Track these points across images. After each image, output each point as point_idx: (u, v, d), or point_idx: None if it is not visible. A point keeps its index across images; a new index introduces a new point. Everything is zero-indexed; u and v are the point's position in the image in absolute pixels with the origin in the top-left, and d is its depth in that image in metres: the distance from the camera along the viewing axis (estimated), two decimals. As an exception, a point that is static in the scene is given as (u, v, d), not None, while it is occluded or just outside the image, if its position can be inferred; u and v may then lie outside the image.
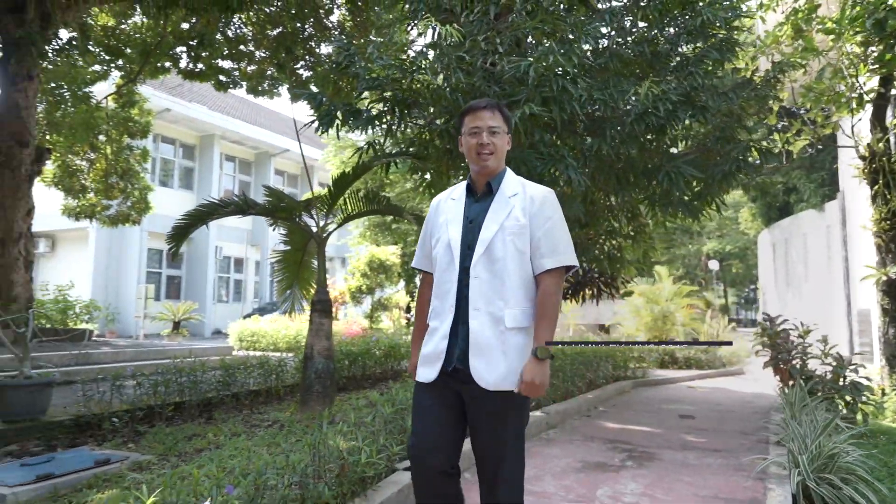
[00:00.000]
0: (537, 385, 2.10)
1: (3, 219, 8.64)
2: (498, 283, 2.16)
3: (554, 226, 2.23)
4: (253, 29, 14.12)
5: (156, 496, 2.45)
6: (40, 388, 5.15)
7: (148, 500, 2.37)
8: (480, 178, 2.32)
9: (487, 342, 2.13)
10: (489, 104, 2.32)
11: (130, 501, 2.52)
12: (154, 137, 22.27)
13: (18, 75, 8.64)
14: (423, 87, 5.29)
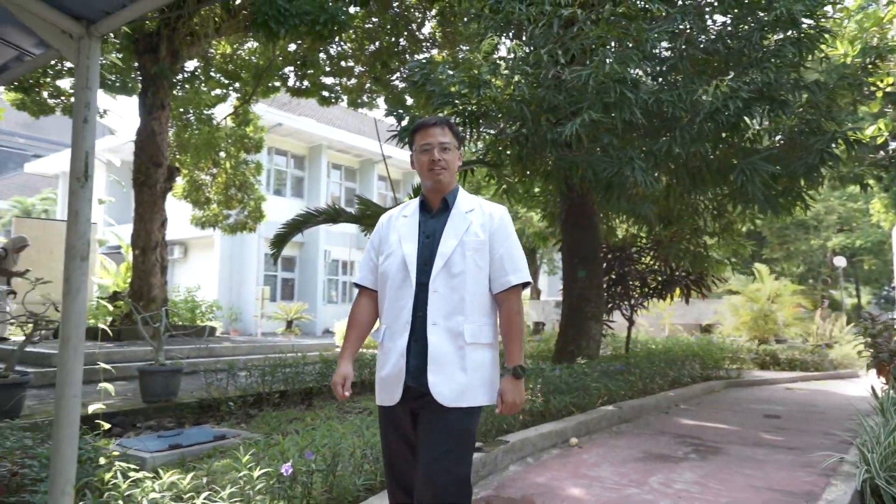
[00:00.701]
0: (517, 404, 2.15)
1: (142, 230, 9.99)
2: (457, 297, 2.14)
3: (513, 244, 2.24)
4: (352, 46, 15.04)
5: (251, 457, 3.03)
6: (172, 374, 6.07)
7: (244, 458, 2.95)
8: (435, 194, 2.30)
9: (446, 357, 2.10)
10: (439, 121, 2.32)
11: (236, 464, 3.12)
12: (268, 150, 24.13)
13: (154, 106, 9.96)
14: (491, 101, 5.67)
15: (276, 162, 25.12)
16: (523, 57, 5.51)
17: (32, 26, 2.87)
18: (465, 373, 2.11)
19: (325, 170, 25.96)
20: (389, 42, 14.76)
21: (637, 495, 3.71)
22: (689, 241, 8.34)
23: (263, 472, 2.90)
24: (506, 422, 4.66)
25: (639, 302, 9.64)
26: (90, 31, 2.93)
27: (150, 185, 9.88)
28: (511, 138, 6.04)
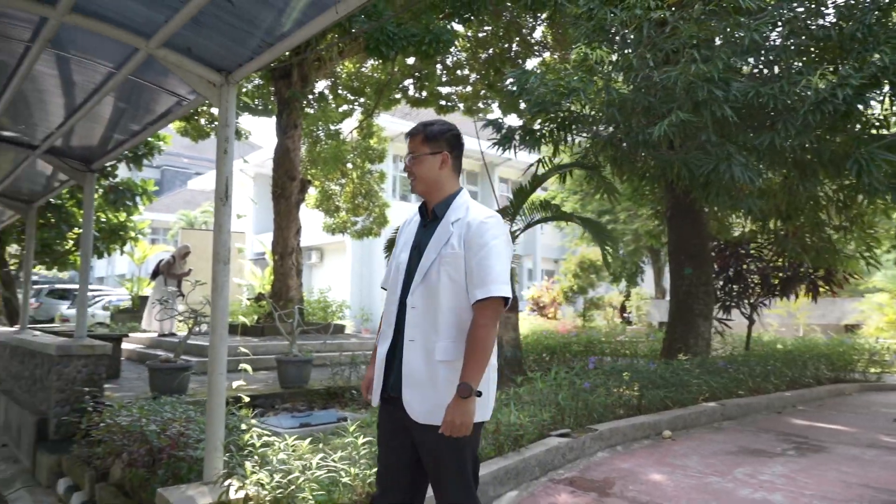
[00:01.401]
0: (458, 425, 1.96)
1: (280, 238, 11.20)
2: (432, 313, 2.08)
3: (488, 254, 2.04)
4: (466, 55, 15.60)
5: (358, 430, 3.59)
6: (303, 364, 6.91)
7: (352, 428, 3.52)
8: (427, 203, 2.24)
9: (419, 375, 2.07)
10: (411, 131, 2.28)
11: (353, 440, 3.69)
12: (393, 158, 25.47)
13: (288, 126, 11.15)
14: (581, 107, 5.90)
15: (401, 169, 26.44)
16: (613, 62, 5.67)
17: (186, 79, 3.63)
18: (436, 391, 2.04)
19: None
20: (502, 48, 15.15)
21: (717, 483, 3.83)
22: (810, 235, 7.93)
23: (366, 441, 3.44)
24: (597, 412, 4.89)
25: (759, 300, 9.27)
26: (228, 79, 3.64)
27: (286, 196, 11.06)
28: (605, 141, 6.22)
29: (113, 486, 4.10)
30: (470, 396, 1.97)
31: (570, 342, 9.66)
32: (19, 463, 5.58)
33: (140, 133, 5.23)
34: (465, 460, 2.12)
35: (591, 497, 3.62)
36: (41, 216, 12.41)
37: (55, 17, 3.19)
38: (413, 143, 2.24)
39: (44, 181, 7.50)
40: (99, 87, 4.29)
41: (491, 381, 2.17)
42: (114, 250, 15.38)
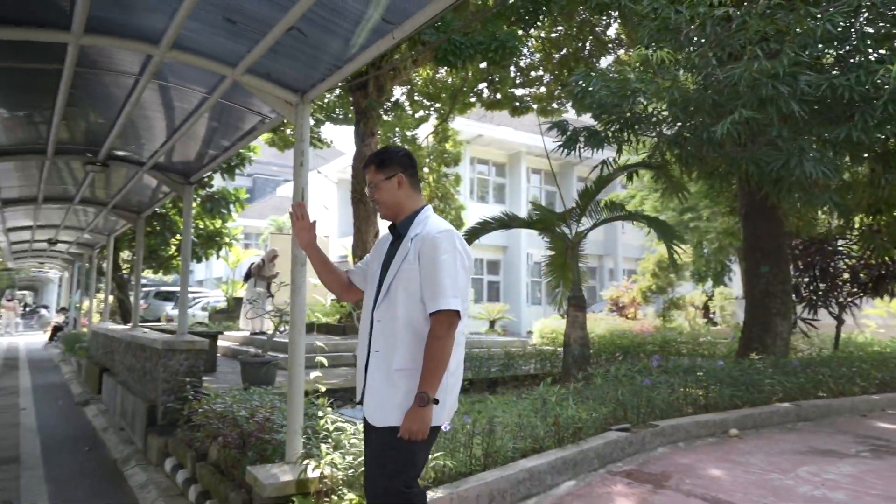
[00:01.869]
0: (415, 431, 2.10)
1: (360, 241, 11.76)
2: (391, 326, 2.21)
3: (439, 269, 2.14)
4: (540, 55, 15.65)
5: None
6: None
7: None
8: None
9: (379, 383, 2.22)
10: (365, 163, 2.43)
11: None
12: (470, 160, 25.82)
13: (365, 134, 11.69)
14: (643, 108, 5.93)
15: (478, 171, 26.69)
16: (675, 61, 5.66)
17: (266, 100, 4.06)
18: (393, 397, 2.18)
19: (524, 175, 26.90)
20: (575, 48, 15.11)
21: (777, 480, 3.82)
22: (902, 230, 7.52)
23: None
24: (659, 408, 4.95)
25: (849, 299, 8.84)
26: (303, 99, 4.04)
27: (364, 202, 11.60)
28: (670, 140, 6.21)
29: (210, 464, 4.59)
30: (428, 405, 2.10)
31: (645, 342, 9.58)
32: (134, 444, 6.27)
33: (230, 148, 5.79)
34: (403, 458, 2.21)
35: (647, 489, 3.73)
36: (148, 225, 13.63)
37: (158, 55, 3.69)
38: (369, 174, 2.36)
39: (150, 193, 8.33)
40: (194, 110, 4.83)
41: (449, 388, 2.25)
42: (211, 255, 16.60)
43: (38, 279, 47.47)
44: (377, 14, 3.02)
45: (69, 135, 5.69)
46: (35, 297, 56.27)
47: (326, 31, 3.32)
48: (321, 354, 4.71)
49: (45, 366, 14.17)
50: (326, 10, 3.08)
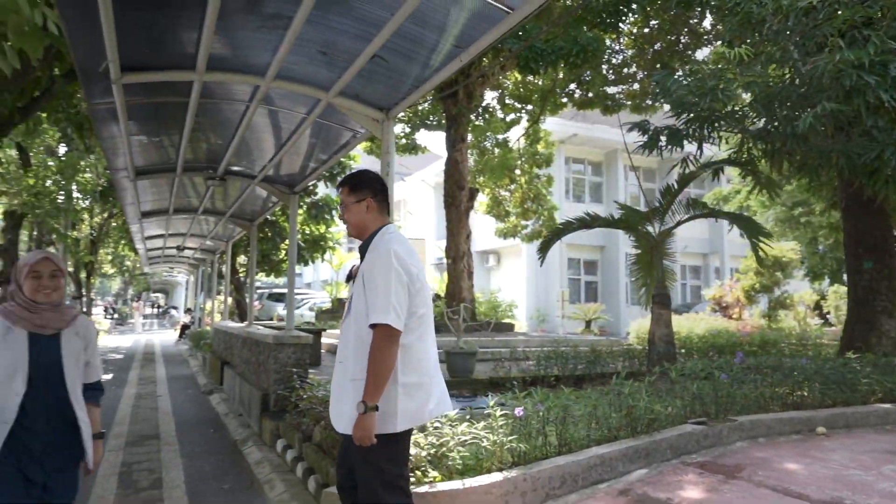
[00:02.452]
0: (359, 438, 2.24)
1: (452, 243, 12.23)
2: (347, 339, 2.42)
3: (375, 286, 2.29)
4: (632, 51, 15.43)
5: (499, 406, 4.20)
6: (469, 356, 7.69)
7: (491, 403, 4.14)
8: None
9: (337, 392, 2.45)
10: (339, 184, 2.62)
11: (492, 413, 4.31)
12: (565, 160, 25.69)
13: (456, 140, 12.16)
14: (723, 105, 5.89)
15: (573, 170, 26.46)
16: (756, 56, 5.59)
17: (355, 118, 4.55)
18: (345, 405, 2.36)
19: (622, 173, 26.35)
20: (669, 42, 14.77)
21: (856, 476, 3.79)
22: None
23: (503, 414, 4.04)
24: (738, 404, 4.95)
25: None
26: (388, 115, 4.49)
27: (456, 205, 12.07)
28: (755, 136, 6.11)
29: (314, 445, 5.15)
30: (367, 412, 2.22)
31: (743, 341, 9.32)
32: (250, 428, 7.04)
33: (328, 160, 6.38)
34: (378, 470, 2.34)
35: (717, 479, 3.84)
36: (260, 231, 14.84)
37: (264, 85, 4.27)
38: (342, 195, 2.55)
39: (261, 203, 9.21)
40: (296, 129, 5.43)
41: (394, 397, 2.32)
42: (316, 258, 17.75)
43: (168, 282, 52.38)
44: (449, 42, 3.39)
45: (193, 155, 6.52)
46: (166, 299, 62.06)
47: (405, 58, 3.73)
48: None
49: (176, 360, 15.79)
50: (405, 40, 3.49)
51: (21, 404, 2.37)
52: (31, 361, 2.41)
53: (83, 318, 2.67)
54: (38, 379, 2.41)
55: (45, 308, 2.48)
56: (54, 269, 2.52)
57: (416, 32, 3.40)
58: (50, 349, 2.48)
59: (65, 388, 2.48)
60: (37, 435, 2.41)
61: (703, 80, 5.64)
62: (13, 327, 2.42)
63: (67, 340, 2.53)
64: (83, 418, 2.55)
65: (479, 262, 28.49)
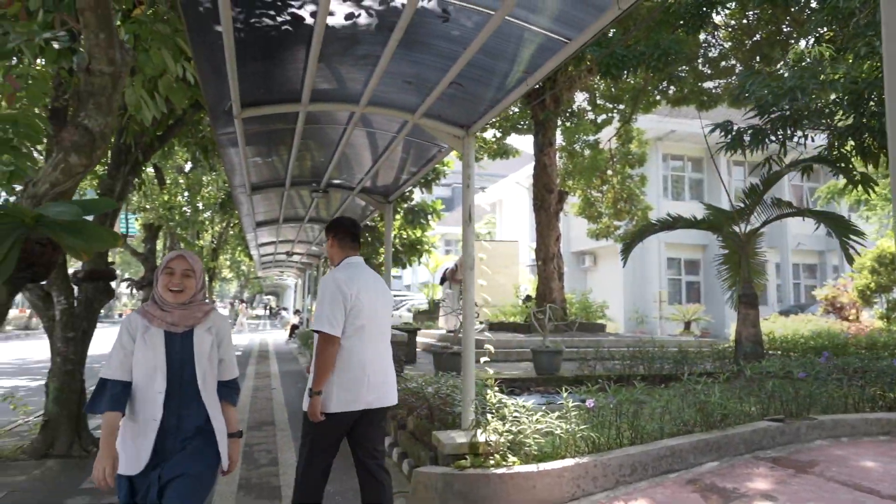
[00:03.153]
0: (310, 414, 3.06)
1: (542, 245, 12.49)
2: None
3: (319, 300, 3.18)
4: (730, 43, 14.95)
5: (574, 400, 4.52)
6: (554, 354, 7.98)
7: (565, 394, 4.47)
8: None
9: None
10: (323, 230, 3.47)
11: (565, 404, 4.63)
12: (663, 157, 25.04)
13: (543, 144, 12.42)
14: (804, 106, 5.82)
15: (672, 167, 25.71)
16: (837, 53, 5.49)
17: (438, 136, 5.03)
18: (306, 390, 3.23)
19: (725, 169, 25.31)
20: (769, 31, 14.21)
21: (935, 475, 3.77)
22: None
23: (576, 404, 4.36)
24: (820, 403, 4.95)
25: None
26: (467, 132, 4.93)
27: (545, 207, 12.32)
28: (842, 133, 5.98)
29: (408, 432, 5.68)
30: (312, 396, 3.06)
31: (848, 343, 8.94)
32: (352, 418, 7.72)
33: (418, 172, 6.92)
34: (306, 443, 3.20)
35: (788, 472, 3.95)
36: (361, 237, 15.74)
37: (358, 110, 4.84)
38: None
39: (360, 211, 9.95)
40: (388, 146, 6.00)
41: (336, 385, 3.10)
42: (413, 261, 18.51)
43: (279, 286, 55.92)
44: (516, 69, 3.78)
45: (299, 171, 7.28)
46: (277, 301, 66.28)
47: (479, 83, 4.16)
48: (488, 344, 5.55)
49: (287, 357, 17.08)
50: (477, 69, 3.92)
51: (163, 401, 2.44)
52: (168, 359, 2.46)
53: (216, 315, 2.67)
54: (173, 377, 2.47)
55: (175, 306, 2.53)
56: (186, 268, 2.56)
57: (487, 62, 3.81)
58: (183, 347, 2.51)
59: (197, 387, 2.50)
60: (171, 434, 2.44)
61: (783, 81, 5.61)
62: (150, 326, 2.49)
63: (199, 338, 2.55)
64: (216, 416, 2.55)
65: (575, 264, 28.36)
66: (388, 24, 3.47)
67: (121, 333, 2.48)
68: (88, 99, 2.58)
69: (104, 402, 2.40)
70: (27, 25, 2.92)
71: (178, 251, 2.64)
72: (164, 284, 2.52)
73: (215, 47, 3.36)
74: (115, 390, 2.40)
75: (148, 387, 2.43)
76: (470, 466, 4.20)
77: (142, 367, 2.43)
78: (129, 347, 2.45)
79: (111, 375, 2.43)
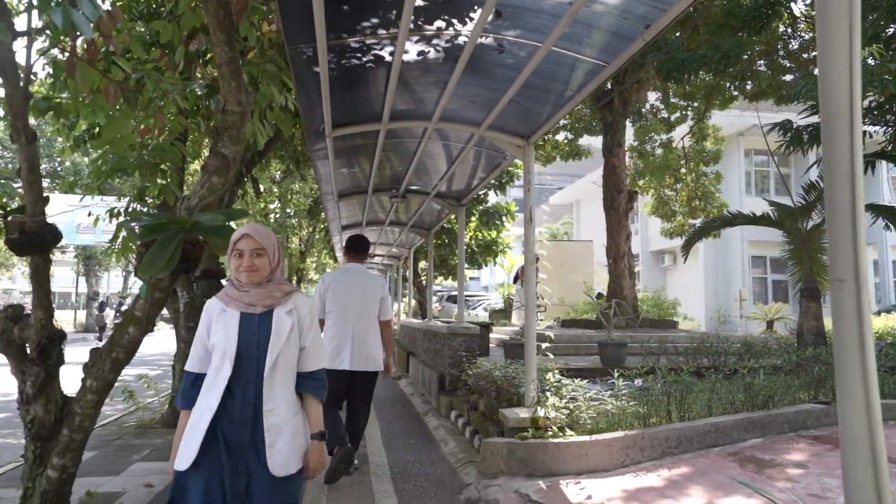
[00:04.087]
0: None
1: (613, 244, 12.79)
2: None
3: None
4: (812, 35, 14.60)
5: (621, 379, 5.01)
6: (619, 347, 8.38)
7: (616, 375, 4.97)
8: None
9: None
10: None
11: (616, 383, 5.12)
12: (745, 153, 24.46)
13: (612, 145, 12.72)
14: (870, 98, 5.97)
15: (756, 162, 25.04)
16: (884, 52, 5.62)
17: (501, 146, 5.65)
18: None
19: (812, 159, 24.39)
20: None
21: (969, 451, 3.98)
22: None
23: (626, 383, 4.86)
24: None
25: None
26: (527, 141, 5.52)
27: (615, 207, 12.61)
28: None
29: (479, 413, 6.32)
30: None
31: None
32: (430, 403, 8.44)
33: (486, 178, 7.56)
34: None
35: (825, 448, 4.29)
36: (438, 238, 16.54)
37: (431, 126, 5.54)
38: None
39: (435, 214, 10.71)
40: (458, 154, 6.67)
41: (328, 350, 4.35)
42: (489, 262, 19.15)
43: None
44: (565, 87, 4.35)
45: (380, 179, 8.09)
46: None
47: (535, 100, 4.75)
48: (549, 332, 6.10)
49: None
50: (532, 89, 4.52)
51: (227, 388, 2.20)
52: (240, 343, 2.23)
53: (299, 296, 2.42)
54: (247, 363, 2.23)
55: (252, 286, 2.32)
56: (256, 247, 2.31)
57: (540, 83, 4.40)
58: (260, 329, 2.27)
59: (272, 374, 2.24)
60: (237, 427, 2.19)
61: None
62: (227, 308, 2.31)
63: (279, 320, 2.30)
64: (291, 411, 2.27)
65: (654, 262, 28.05)
66: (453, 56, 4.14)
67: (201, 321, 2.36)
68: (224, 133, 3.39)
69: (183, 398, 2.30)
70: (175, 78, 3.80)
71: (244, 228, 2.36)
72: (235, 268, 2.32)
73: (313, 83, 4.15)
74: (196, 383, 2.28)
75: (216, 372, 2.24)
76: (531, 437, 4.79)
77: (215, 352, 2.26)
78: (207, 336, 2.31)
79: (192, 367, 2.32)
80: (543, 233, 39.35)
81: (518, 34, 3.81)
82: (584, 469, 4.48)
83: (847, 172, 1.57)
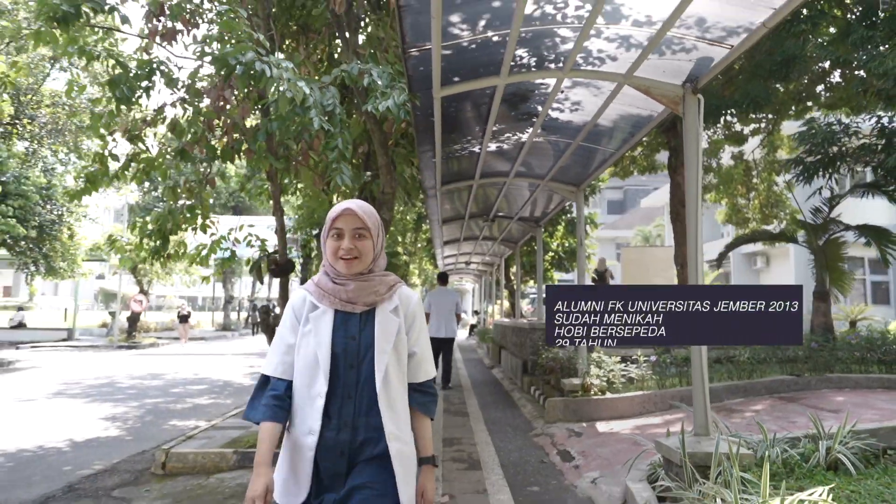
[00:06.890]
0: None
1: (679, 252, 14.46)
2: None
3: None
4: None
5: (643, 356, 7.12)
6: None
7: (639, 352, 7.09)
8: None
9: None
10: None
11: (638, 358, 7.21)
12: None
13: (676, 165, 14.39)
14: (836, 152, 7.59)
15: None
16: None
17: (558, 192, 7.88)
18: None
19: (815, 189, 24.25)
20: None
21: (879, 404, 5.75)
22: None
23: (647, 359, 6.94)
24: (835, 367, 6.91)
25: None
26: (578, 188, 7.71)
27: (680, 220, 14.27)
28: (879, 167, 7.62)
29: (549, 385, 8.52)
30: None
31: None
32: (515, 384, 10.73)
33: (555, 209, 9.77)
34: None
35: (781, 402, 6.18)
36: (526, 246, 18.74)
37: (509, 180, 7.87)
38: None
39: (520, 232, 13.01)
40: (531, 195, 8.93)
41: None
42: (574, 267, 21.10)
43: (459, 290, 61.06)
44: (610, 144, 6.53)
45: (476, 208, 10.52)
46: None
47: (584, 158, 6.95)
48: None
49: (468, 350, 20.64)
50: (583, 150, 6.71)
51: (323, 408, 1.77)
52: (337, 351, 1.81)
53: (405, 291, 1.96)
54: (345, 374, 1.81)
55: (352, 277, 1.85)
56: (359, 226, 1.85)
57: (587, 147, 6.58)
58: (362, 333, 1.84)
59: (374, 388, 1.79)
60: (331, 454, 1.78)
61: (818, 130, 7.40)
62: (320, 304, 1.86)
63: (384, 320, 1.86)
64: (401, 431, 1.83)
65: (746, 265, 28.66)
66: (519, 145, 6.45)
67: (285, 317, 1.93)
68: (382, 205, 5.91)
69: (260, 409, 1.82)
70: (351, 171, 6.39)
71: (345, 203, 1.89)
72: (333, 251, 1.86)
73: (430, 160, 6.60)
74: (276, 392, 1.82)
75: (307, 387, 1.81)
76: (580, 396, 7.00)
77: (302, 361, 1.83)
78: (291, 335, 1.88)
79: (271, 371, 1.86)
80: (637, 235, 40.34)
81: (557, 137, 6.07)
82: (614, 416, 6.64)
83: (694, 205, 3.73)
